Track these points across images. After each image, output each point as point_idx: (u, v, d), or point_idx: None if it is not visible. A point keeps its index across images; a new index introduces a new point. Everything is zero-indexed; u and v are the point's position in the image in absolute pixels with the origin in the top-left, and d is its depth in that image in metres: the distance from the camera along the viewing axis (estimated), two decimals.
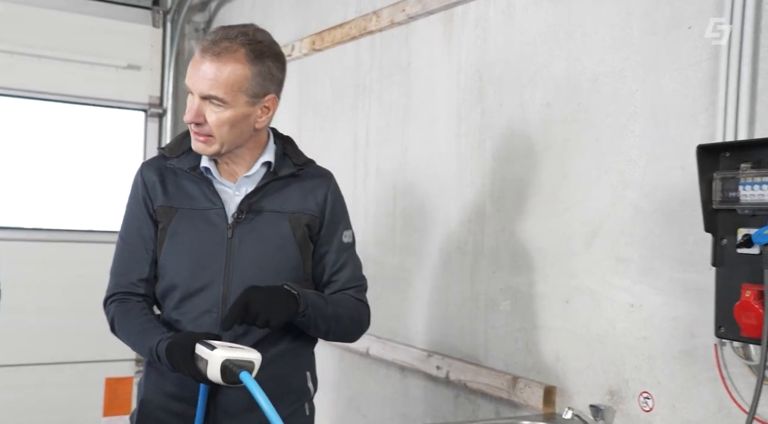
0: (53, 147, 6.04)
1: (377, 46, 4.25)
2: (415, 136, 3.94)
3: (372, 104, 4.28)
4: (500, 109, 3.41)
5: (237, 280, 2.54)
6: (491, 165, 3.45)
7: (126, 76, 6.19)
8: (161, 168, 2.68)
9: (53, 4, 5.93)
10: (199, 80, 2.47)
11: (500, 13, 3.43)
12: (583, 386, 2.99)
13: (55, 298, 5.89)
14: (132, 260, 2.66)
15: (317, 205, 2.68)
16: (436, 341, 3.75)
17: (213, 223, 2.59)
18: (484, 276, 3.47)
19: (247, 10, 5.74)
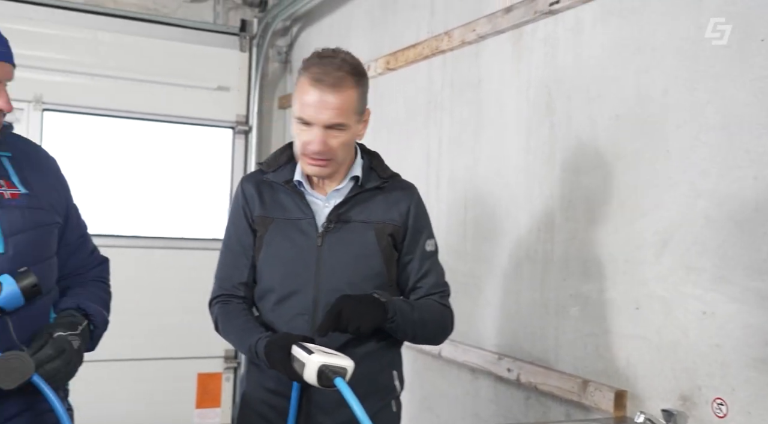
0: (153, 162, 6.04)
1: (448, 64, 4.05)
2: (486, 149, 3.73)
3: (444, 119, 4.08)
4: (569, 122, 3.18)
5: (326, 285, 2.50)
6: (560, 176, 3.23)
7: (216, 97, 6.16)
8: (259, 181, 2.65)
9: (152, 34, 5.95)
10: (322, 112, 2.41)
11: (568, 30, 3.21)
12: (655, 391, 2.74)
13: (152, 300, 5.90)
14: (233, 266, 2.65)
15: (401, 216, 2.61)
16: (506, 344, 3.53)
17: (304, 232, 2.54)
18: (554, 283, 3.24)
19: (325, 34, 5.61)
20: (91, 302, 2.38)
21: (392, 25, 4.63)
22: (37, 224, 2.25)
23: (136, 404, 5.84)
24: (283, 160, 2.65)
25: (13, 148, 2.33)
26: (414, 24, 4.39)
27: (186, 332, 5.95)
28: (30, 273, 2.11)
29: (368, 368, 2.48)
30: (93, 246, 2.60)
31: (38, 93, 5.53)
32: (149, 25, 5.94)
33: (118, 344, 4.90)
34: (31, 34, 5.46)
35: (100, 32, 5.76)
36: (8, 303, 2.08)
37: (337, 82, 2.40)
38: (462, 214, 3.91)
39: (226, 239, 2.70)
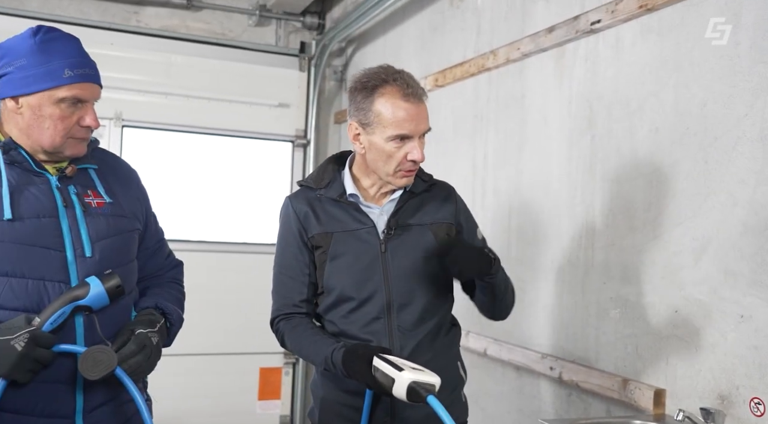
0: (219, 173, 6.07)
1: (494, 81, 4.00)
2: (529, 160, 3.68)
3: (489, 132, 4.03)
4: (609, 135, 3.12)
5: (396, 287, 2.44)
6: (601, 186, 3.16)
7: (277, 113, 6.16)
8: (309, 199, 2.54)
9: (220, 56, 5.99)
10: (422, 121, 2.39)
11: (609, 47, 3.14)
12: (693, 390, 2.66)
13: (220, 299, 5.92)
14: (292, 285, 2.53)
15: (451, 214, 2.56)
16: (549, 344, 3.46)
17: (365, 240, 2.46)
18: (595, 286, 3.18)
19: (379, 54, 5.59)
20: (168, 301, 2.39)
21: (441, 45, 4.59)
22: (120, 230, 2.27)
23: (204, 396, 5.88)
24: (329, 178, 2.55)
25: (99, 161, 2.36)
26: (461, 44, 4.35)
27: (249, 329, 5.96)
28: (114, 275, 2.13)
29: (439, 363, 2.41)
30: (169, 250, 2.61)
31: (118, 111, 5.58)
32: (217, 48, 5.98)
33: (190, 340, 4.95)
34: (112, 57, 5.52)
35: (173, 55, 5.81)
36: (95, 302, 2.10)
37: (422, 93, 2.40)
38: (506, 222, 3.85)
39: (279, 260, 2.58)
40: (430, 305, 2.47)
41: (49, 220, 2.14)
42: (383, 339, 2.41)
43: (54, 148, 2.18)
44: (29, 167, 2.18)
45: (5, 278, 2.06)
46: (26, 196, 2.13)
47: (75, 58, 2.16)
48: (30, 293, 2.08)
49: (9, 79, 2.13)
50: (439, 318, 2.50)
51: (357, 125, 2.44)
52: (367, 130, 2.41)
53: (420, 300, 2.45)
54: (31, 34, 2.14)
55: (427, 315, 2.46)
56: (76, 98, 2.15)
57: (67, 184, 2.22)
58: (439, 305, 2.50)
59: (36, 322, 2.02)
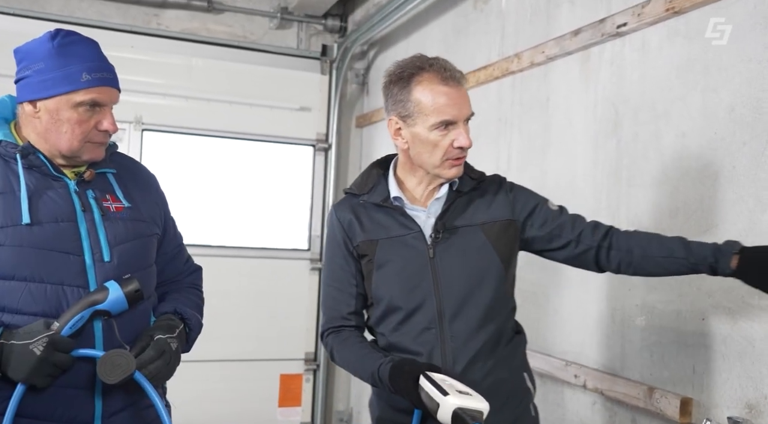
0: (240, 177, 6.10)
1: (518, 84, 4.00)
2: (553, 163, 3.68)
3: (513, 135, 4.03)
4: (635, 139, 3.11)
5: (447, 294, 2.33)
6: (626, 191, 3.15)
7: (298, 117, 6.17)
8: (353, 206, 2.47)
9: (240, 59, 6.02)
10: (464, 105, 2.32)
11: (635, 50, 3.14)
12: (720, 398, 2.65)
13: (240, 305, 5.95)
14: (340, 297, 2.47)
15: (505, 208, 2.42)
16: (573, 351, 3.45)
17: (413, 246, 2.36)
18: (620, 293, 3.17)
19: (401, 57, 5.50)
20: (187, 306, 2.40)
21: (464, 48, 4.60)
22: (139, 234, 2.29)
23: (224, 402, 5.89)
24: (372, 182, 2.48)
25: (118, 166, 2.39)
26: (485, 47, 4.35)
27: (269, 335, 6.00)
28: (133, 280, 2.14)
29: (501, 373, 2.35)
30: (188, 255, 2.63)
31: (138, 114, 5.63)
32: (238, 51, 6.01)
33: (209, 346, 4.99)
34: (132, 60, 5.56)
35: (193, 58, 5.85)
36: (114, 307, 2.12)
37: (461, 75, 2.32)
38: None
39: (327, 272, 2.52)
40: (486, 311, 2.35)
41: (68, 224, 2.16)
42: (435, 351, 2.32)
43: (72, 153, 2.20)
44: (47, 172, 2.20)
45: (24, 282, 2.08)
46: (45, 201, 2.16)
47: (93, 62, 2.19)
48: (49, 298, 2.10)
49: (27, 83, 2.17)
50: (498, 326, 2.37)
51: (397, 119, 2.36)
52: (407, 123, 2.33)
53: (475, 307, 2.34)
54: (50, 37, 2.17)
55: (484, 323, 2.34)
56: (93, 102, 2.18)
57: (86, 189, 2.24)
58: (497, 312, 2.38)
59: (55, 326, 2.04)
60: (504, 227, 2.40)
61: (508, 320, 2.43)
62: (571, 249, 2.41)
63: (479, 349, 2.32)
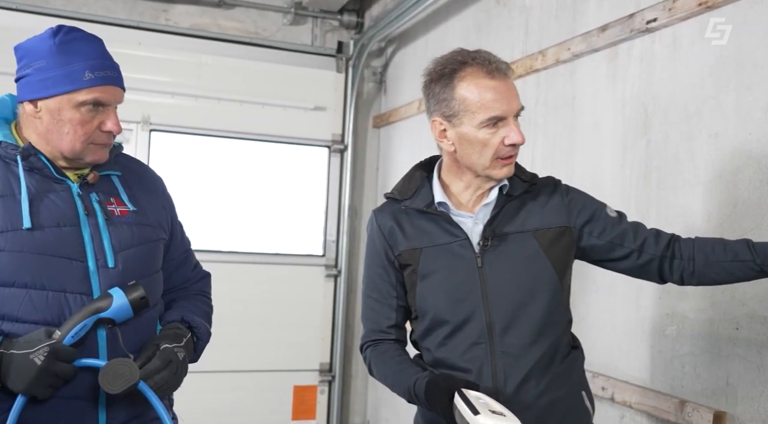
0: (252, 180, 6.12)
1: (542, 83, 4.00)
2: (580, 165, 3.67)
3: (537, 137, 4.02)
4: (666, 139, 3.09)
5: (497, 306, 2.25)
6: (656, 194, 3.14)
7: (313, 117, 6.19)
8: (394, 212, 2.41)
9: (253, 56, 6.04)
10: (513, 98, 2.23)
11: (665, 47, 3.12)
12: (756, 412, 2.62)
13: (251, 313, 5.96)
14: (380, 309, 2.43)
15: (560, 213, 2.34)
16: (600, 362, 3.43)
17: (459, 254, 2.29)
18: (650, 302, 3.15)
19: (420, 55, 5.59)
20: (195, 315, 2.40)
21: (486, 45, 4.53)
22: (145, 239, 2.29)
23: (235, 415, 5.90)
24: (415, 186, 2.40)
25: (123, 168, 2.39)
26: (508, 44, 4.35)
27: (282, 345, 6.01)
28: (138, 286, 2.14)
29: (557, 392, 2.27)
30: (196, 261, 2.62)
31: (146, 114, 5.67)
32: (250, 48, 6.04)
33: (219, 355, 5.02)
34: (139, 58, 5.60)
35: (203, 56, 5.88)
36: (118, 315, 2.11)
37: (507, 66, 2.25)
38: None
39: (366, 282, 2.48)
40: (541, 324, 2.27)
41: (70, 229, 2.16)
42: (485, 368, 2.26)
43: (74, 154, 2.20)
44: (49, 174, 2.20)
45: (24, 289, 2.08)
46: (46, 204, 2.16)
47: (96, 60, 2.18)
48: (50, 305, 2.09)
49: (27, 81, 2.17)
50: (553, 340, 2.29)
51: (441, 120, 2.28)
52: (453, 123, 2.25)
53: (527, 320, 2.26)
54: (51, 34, 2.16)
55: (537, 337, 2.26)
56: (97, 102, 2.17)
57: (89, 192, 2.24)
58: (552, 325, 2.29)
59: (56, 335, 2.03)
60: (558, 233, 2.32)
61: (563, 334, 2.35)
62: (633, 260, 2.33)
63: (533, 365, 2.25)
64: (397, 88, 6.09)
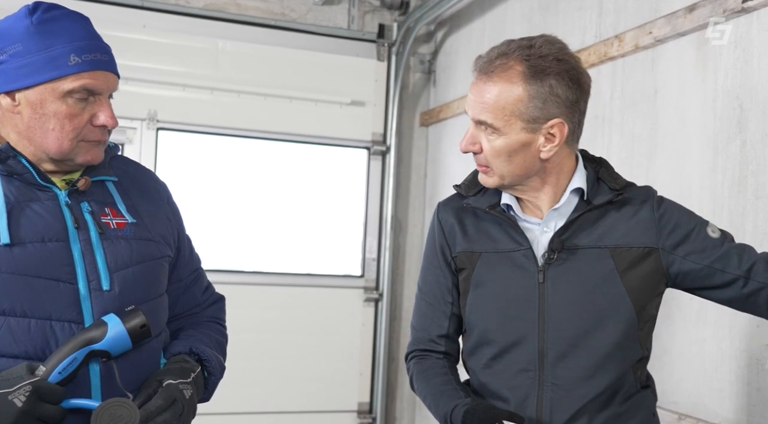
0: (277, 187, 6.13)
1: (619, 73, 4.00)
2: (663, 170, 3.66)
3: (612, 136, 4.02)
4: (764, 140, 3.08)
5: (554, 331, 2.29)
6: (753, 204, 3.12)
7: (349, 113, 6.21)
8: (458, 209, 2.47)
9: (278, 41, 6.05)
10: (471, 103, 2.30)
11: (765, 31, 3.11)
12: None
13: (275, 344, 5.97)
14: (430, 315, 2.50)
15: (648, 230, 2.32)
16: (688, 402, 3.41)
17: (521, 266, 2.33)
18: (746, 330, 3.13)
19: (475, 40, 5.61)
20: (206, 345, 2.39)
21: (553, 28, 4.58)
22: (146, 257, 2.28)
23: None
24: None
25: (120, 172, 2.37)
26: (578, 27, 4.36)
27: (313, 381, 5.99)
28: (138, 312, 2.12)
29: None
30: (207, 283, 2.62)
31: (152, 110, 5.65)
32: (275, 31, 6.04)
33: (235, 394, 5.04)
34: (144, 43, 5.58)
35: (220, 41, 5.89)
36: (114, 346, 2.09)
37: (494, 70, 2.25)
38: None
39: (420, 281, 2.56)
40: (603, 358, 2.27)
41: (57, 244, 2.13)
42: (530, 398, 2.29)
43: (62, 155, 2.18)
44: (32, 180, 2.17)
45: (2, 317, 2.05)
46: (28, 216, 2.13)
47: (83, 41, 2.16)
48: (33, 336, 2.07)
49: (2, 70, 2.13)
50: (616, 377, 2.29)
51: None
52: None
53: (588, 351, 2.27)
54: (27, 12, 2.14)
55: (596, 372, 2.27)
56: (86, 90, 2.15)
57: (80, 201, 2.22)
58: (618, 360, 2.29)
59: (40, 371, 2.01)
60: (641, 255, 2.32)
61: (632, 372, 2.34)
62: (737, 288, 2.29)
63: (587, 403, 2.27)
64: (449, 80, 6.10)
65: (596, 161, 2.45)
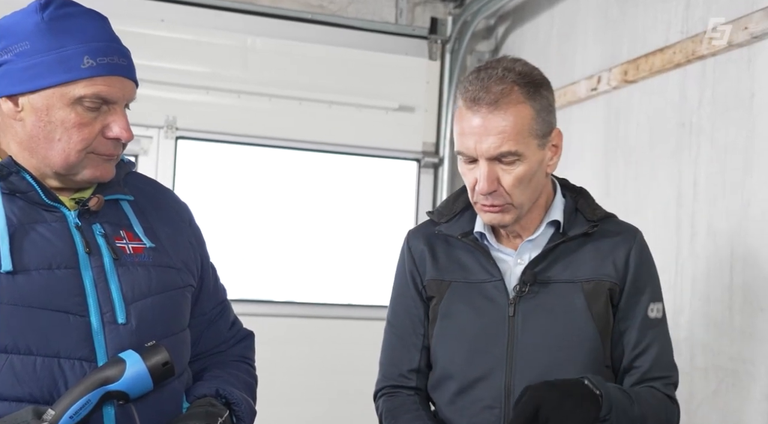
0: (312, 205, 6.12)
1: (709, 74, 3.98)
2: (760, 185, 3.64)
3: (701, 147, 4.01)
4: None
5: (522, 367, 2.48)
6: None
7: (397, 120, 6.21)
8: (429, 236, 2.66)
9: (315, 38, 6.05)
10: (483, 140, 2.41)
11: None
12: None
13: (310, 385, 5.92)
14: (400, 348, 2.70)
15: (617, 269, 2.54)
16: None
17: (491, 298, 2.53)
18: None
19: (542, 36, 5.60)
20: (234, 387, 2.39)
21: (633, 23, 4.59)
22: (167, 286, 2.28)
23: None
24: (459, 207, 2.67)
25: (135, 190, 2.38)
26: (662, 21, 4.34)
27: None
28: (161, 348, 2.11)
29: None
30: (234, 317, 2.64)
31: (171, 116, 5.67)
32: (312, 26, 6.04)
33: None
34: (162, 40, 5.60)
35: (249, 37, 5.89)
36: (134, 387, 2.09)
37: (499, 98, 2.39)
38: (727, 276, 3.81)
39: (390, 313, 2.76)
40: None
41: (66, 272, 2.13)
42: None
43: (67, 169, 2.18)
44: (37, 199, 2.17)
45: (4, 355, 2.05)
46: (33, 240, 2.13)
47: (99, 43, 2.17)
48: (39, 376, 2.07)
49: (6, 71, 2.14)
50: None
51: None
52: None
53: None
54: (38, 7, 2.14)
55: None
56: (99, 98, 2.15)
57: (91, 222, 2.22)
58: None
59: (49, 416, 2.00)
60: (609, 290, 2.54)
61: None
62: (620, 361, 2.59)
63: None
64: None
65: (576, 191, 2.65)
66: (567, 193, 2.64)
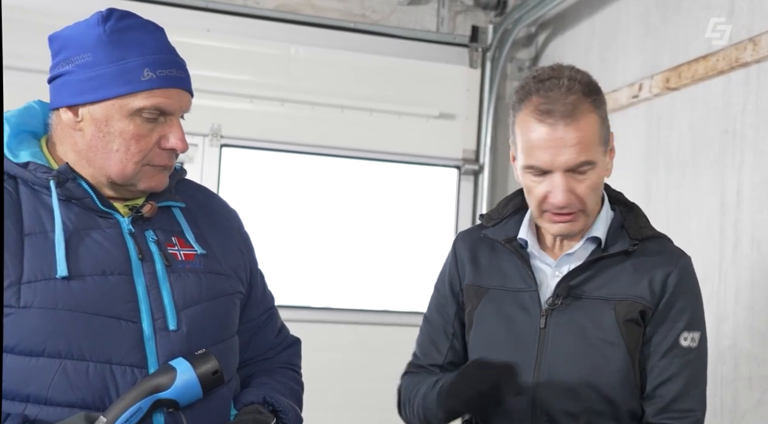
0: (354, 212, 6.11)
1: (753, 81, 3.93)
2: None
3: (745, 155, 3.96)
4: None
5: (548, 381, 2.45)
6: None
7: (437, 127, 6.20)
8: (475, 239, 2.65)
9: (358, 46, 6.06)
10: (561, 152, 2.37)
11: None
12: None
13: (355, 392, 5.90)
14: (430, 343, 2.73)
15: (652, 291, 2.47)
16: None
17: (525, 308, 2.52)
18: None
19: (583, 43, 5.57)
20: (281, 394, 2.38)
21: (675, 30, 4.55)
22: (217, 293, 2.28)
23: None
24: (508, 212, 2.66)
25: (187, 198, 2.39)
26: (705, 28, 4.28)
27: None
28: (210, 356, 2.11)
29: None
30: (281, 324, 2.63)
31: (215, 125, 5.71)
32: (355, 35, 6.04)
33: None
34: (208, 49, 5.64)
35: (293, 46, 5.90)
36: (184, 395, 2.09)
37: (571, 109, 2.37)
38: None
39: (428, 308, 2.78)
40: (595, 415, 2.44)
41: (119, 278, 2.14)
42: None
43: (124, 179, 2.20)
44: (92, 205, 2.18)
45: (57, 359, 2.05)
46: (88, 246, 2.14)
47: (158, 55, 2.18)
48: (92, 382, 2.07)
49: (66, 81, 2.16)
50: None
51: (512, 146, 2.54)
52: (516, 155, 2.51)
53: (580, 404, 2.44)
54: (100, 19, 2.15)
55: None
56: (157, 110, 2.17)
57: (144, 229, 2.23)
58: (610, 418, 2.46)
59: (101, 423, 2.00)
60: (637, 310, 2.46)
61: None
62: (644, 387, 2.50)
63: None
64: None
65: (628, 206, 2.61)
66: (617, 208, 2.60)
